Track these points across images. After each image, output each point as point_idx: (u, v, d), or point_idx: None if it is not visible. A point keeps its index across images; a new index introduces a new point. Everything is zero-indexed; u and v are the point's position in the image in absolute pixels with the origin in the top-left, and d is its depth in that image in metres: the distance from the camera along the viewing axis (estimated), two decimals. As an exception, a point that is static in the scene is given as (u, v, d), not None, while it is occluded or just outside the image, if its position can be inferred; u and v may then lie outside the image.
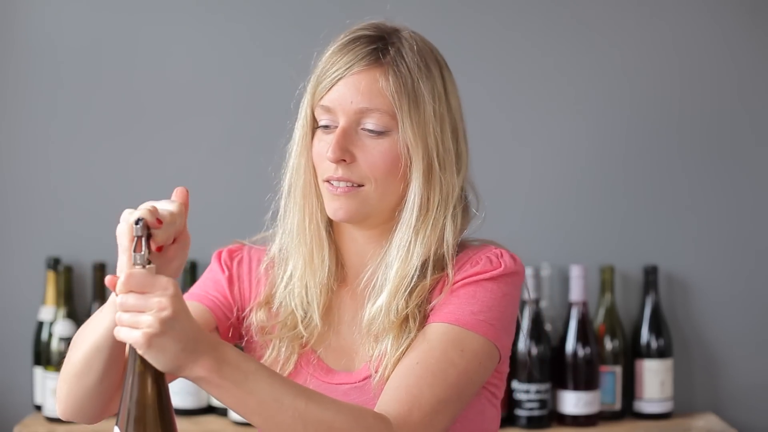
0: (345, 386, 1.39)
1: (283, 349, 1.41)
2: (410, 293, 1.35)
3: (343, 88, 1.35)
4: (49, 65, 2.49)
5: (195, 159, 2.50)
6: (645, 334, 2.46)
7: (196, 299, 1.45)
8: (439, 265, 1.37)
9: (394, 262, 1.36)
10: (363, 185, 1.35)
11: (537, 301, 2.41)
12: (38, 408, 2.43)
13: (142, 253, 1.13)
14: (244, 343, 1.47)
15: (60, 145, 2.49)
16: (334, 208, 1.37)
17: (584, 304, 2.42)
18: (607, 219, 2.53)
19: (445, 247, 1.37)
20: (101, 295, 2.44)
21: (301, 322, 1.40)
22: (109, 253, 2.48)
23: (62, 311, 2.39)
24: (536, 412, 2.36)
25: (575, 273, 2.42)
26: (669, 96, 2.53)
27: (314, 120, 1.39)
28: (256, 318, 1.43)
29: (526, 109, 2.52)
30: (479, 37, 2.50)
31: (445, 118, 1.38)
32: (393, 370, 1.32)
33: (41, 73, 2.49)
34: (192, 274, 2.43)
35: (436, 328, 1.33)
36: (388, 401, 1.28)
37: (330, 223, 1.43)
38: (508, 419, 2.37)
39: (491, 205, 2.51)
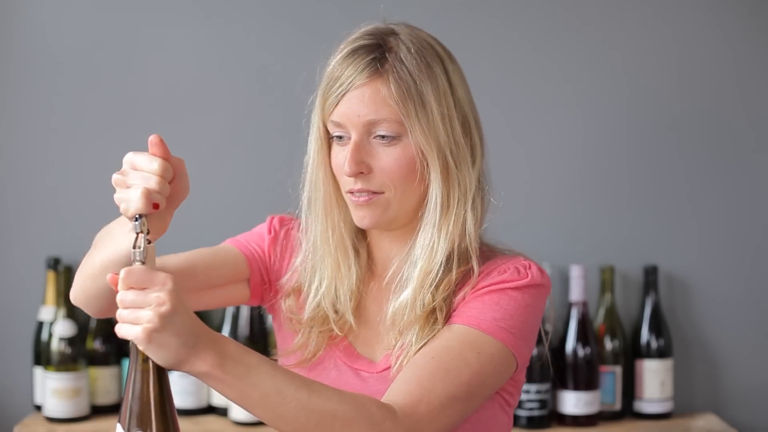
0: (365, 373, 1.42)
1: (314, 337, 1.44)
2: (436, 287, 1.38)
3: (348, 102, 1.37)
4: (48, 65, 2.49)
5: (195, 159, 2.50)
6: (645, 334, 2.46)
7: (236, 245, 1.50)
8: (464, 257, 1.40)
9: (419, 259, 1.39)
10: (383, 192, 1.38)
11: (537, 301, 2.41)
12: (38, 408, 2.43)
13: (141, 249, 1.13)
14: (272, 319, 1.52)
15: (60, 145, 2.50)
16: (360, 216, 1.40)
17: (584, 304, 2.42)
18: (607, 219, 2.53)
19: (468, 239, 1.40)
20: (101, 295, 2.44)
21: (334, 322, 1.43)
22: (109, 253, 2.49)
23: (62, 311, 2.39)
24: (536, 412, 2.36)
25: (575, 273, 2.42)
26: (669, 96, 2.53)
27: (327, 133, 1.41)
28: (285, 305, 1.47)
29: (526, 109, 2.52)
30: (481, 38, 2.50)
31: (454, 114, 1.40)
32: None
33: (41, 73, 2.49)
34: (192, 274, 2.43)
35: (455, 329, 1.35)
36: (397, 391, 1.29)
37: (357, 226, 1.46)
38: (508, 419, 2.37)
39: (491, 205, 2.50)
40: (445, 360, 1.31)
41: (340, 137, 1.39)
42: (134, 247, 1.14)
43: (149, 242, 1.15)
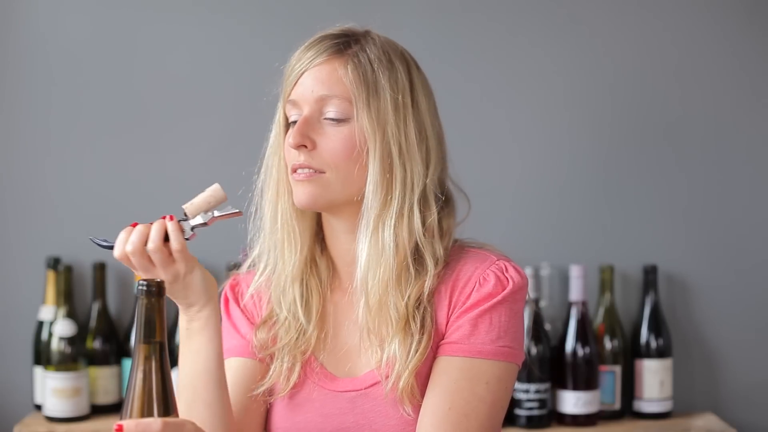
0: (351, 393, 1.40)
1: (285, 360, 1.42)
2: (399, 287, 1.36)
3: (306, 79, 1.40)
4: (48, 65, 2.49)
5: (195, 159, 2.51)
6: (644, 334, 2.46)
7: (238, 354, 1.47)
8: (416, 257, 1.38)
9: (364, 250, 1.37)
10: (324, 172, 1.37)
11: (537, 301, 2.41)
12: (38, 408, 2.43)
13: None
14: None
15: (60, 145, 2.50)
16: (298, 194, 1.39)
17: (584, 304, 2.42)
18: (607, 219, 2.53)
19: (417, 237, 1.38)
20: (101, 294, 2.45)
21: (296, 329, 1.43)
22: (109, 253, 2.48)
23: (62, 311, 2.39)
24: (536, 412, 2.36)
25: (575, 273, 2.42)
26: (669, 96, 2.53)
27: (286, 118, 1.43)
28: (256, 338, 1.45)
29: (524, 108, 2.52)
30: (481, 38, 2.50)
31: (409, 112, 1.39)
32: (407, 381, 1.33)
33: (40, 73, 2.49)
34: (192, 273, 2.43)
35: (458, 364, 1.35)
36: None
37: (318, 227, 1.45)
38: (508, 419, 2.37)
39: (491, 205, 2.52)
40: (460, 405, 1.32)
41: (295, 122, 1.40)
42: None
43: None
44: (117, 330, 2.46)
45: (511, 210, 2.51)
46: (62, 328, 2.36)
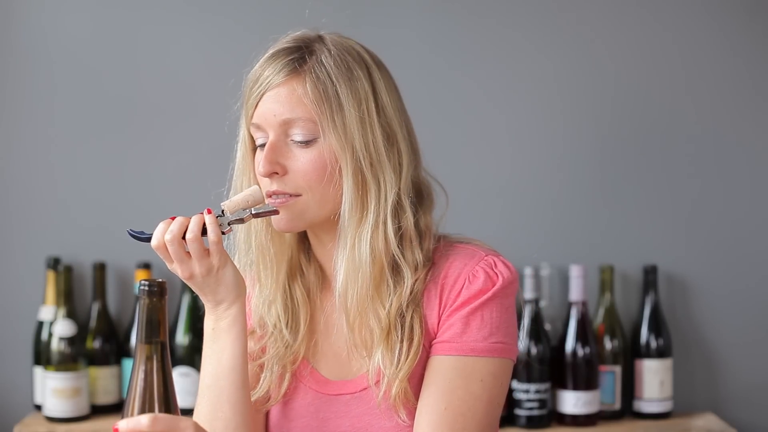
0: (345, 396, 1.40)
1: (275, 369, 1.42)
2: (379, 298, 1.35)
3: (266, 102, 1.37)
4: (48, 65, 2.49)
5: (195, 159, 2.51)
6: (644, 334, 2.46)
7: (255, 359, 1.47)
8: (393, 265, 1.37)
9: (341, 266, 1.36)
10: (300, 195, 1.36)
11: (537, 301, 2.41)
12: (38, 407, 2.43)
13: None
14: None
15: (60, 145, 2.50)
16: (276, 220, 1.37)
17: (584, 304, 2.42)
18: (607, 219, 2.53)
19: (393, 249, 1.36)
20: (101, 294, 2.44)
21: (283, 343, 1.42)
22: (108, 252, 2.49)
23: (62, 311, 2.39)
24: (536, 412, 2.36)
25: (575, 273, 2.42)
26: (669, 96, 2.53)
27: (251, 138, 1.41)
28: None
29: (524, 108, 2.52)
30: (482, 40, 2.50)
31: (375, 119, 1.36)
32: (399, 388, 1.33)
33: (40, 73, 2.49)
34: (192, 274, 2.43)
35: (450, 363, 1.34)
36: None
37: (302, 236, 1.45)
38: (508, 419, 2.37)
39: (491, 205, 2.52)
40: (456, 405, 1.32)
41: (262, 145, 1.38)
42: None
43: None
44: (117, 330, 2.46)
45: (511, 210, 2.51)
46: (62, 328, 2.36)
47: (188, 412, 2.45)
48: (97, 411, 2.40)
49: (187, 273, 1.33)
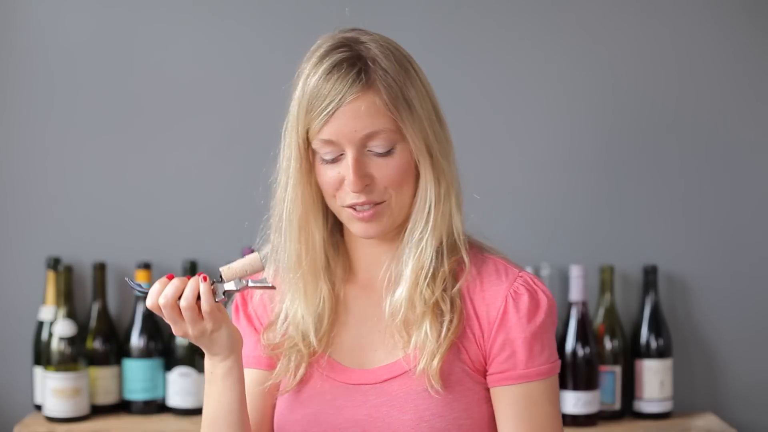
0: (364, 386, 1.41)
1: (292, 358, 1.43)
2: (432, 281, 1.39)
3: (342, 119, 1.35)
4: (47, 65, 2.49)
5: (195, 159, 2.51)
6: (644, 334, 2.46)
7: (254, 365, 1.48)
8: (453, 249, 1.41)
9: (411, 255, 1.39)
10: (384, 201, 1.38)
11: (537, 301, 2.41)
12: (38, 408, 2.43)
13: None
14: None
15: (60, 145, 2.50)
16: (364, 228, 1.39)
17: (584, 304, 2.42)
18: (607, 219, 2.53)
19: (455, 232, 1.41)
20: (101, 294, 2.45)
21: (302, 342, 1.43)
22: (109, 253, 2.49)
23: (62, 311, 2.39)
24: (536, 412, 2.36)
25: (575, 273, 2.42)
26: (669, 96, 2.53)
27: (307, 150, 1.39)
28: (264, 339, 1.46)
29: (524, 109, 2.52)
30: (480, 39, 2.50)
31: (432, 111, 1.40)
32: (439, 362, 1.35)
33: (40, 73, 2.49)
34: (192, 274, 2.43)
35: (523, 391, 1.38)
36: None
37: (338, 233, 1.46)
38: (508, 419, 2.37)
39: (491, 205, 2.52)
40: (537, 430, 1.38)
41: (331, 160, 1.37)
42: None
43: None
44: (117, 330, 2.46)
45: (512, 210, 2.51)
46: (62, 328, 2.36)
47: (188, 412, 2.46)
48: (97, 411, 2.40)
49: (180, 333, 1.36)
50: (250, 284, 1.35)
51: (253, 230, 2.30)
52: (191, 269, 2.44)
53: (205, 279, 1.34)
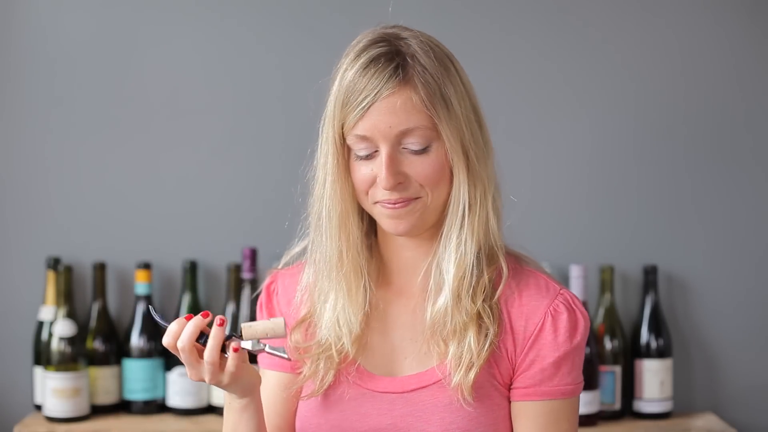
0: (391, 395, 1.39)
1: (321, 364, 1.40)
2: (474, 290, 1.37)
3: (377, 114, 1.32)
4: (48, 65, 2.49)
5: (195, 159, 2.51)
6: (644, 334, 2.46)
7: (278, 368, 1.46)
8: (491, 256, 1.39)
9: (450, 261, 1.37)
10: (419, 197, 1.35)
11: (537, 301, 2.41)
12: (38, 408, 2.43)
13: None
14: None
15: (60, 145, 2.50)
16: (395, 224, 1.36)
17: (584, 304, 2.42)
18: (607, 219, 2.53)
19: (492, 238, 1.39)
20: (101, 294, 2.44)
21: (335, 346, 1.40)
22: (109, 253, 2.49)
23: (62, 311, 2.39)
24: (536, 412, 2.36)
25: (575, 273, 2.42)
26: (669, 97, 2.53)
27: (344, 146, 1.36)
28: (291, 341, 1.43)
29: (525, 110, 2.52)
30: (484, 41, 2.50)
31: (471, 112, 1.38)
32: (476, 374, 1.34)
33: (40, 73, 2.49)
34: (192, 274, 2.43)
35: (544, 408, 1.37)
36: None
37: (372, 236, 1.44)
38: (508, 419, 2.37)
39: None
40: None
41: (365, 156, 1.35)
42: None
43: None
44: (117, 330, 2.46)
45: (511, 210, 2.50)
46: (62, 328, 2.36)
47: (188, 412, 2.45)
48: (97, 411, 2.40)
49: (195, 377, 1.34)
50: (267, 349, 1.33)
51: (254, 231, 2.32)
52: (191, 269, 2.43)
53: (222, 323, 1.31)
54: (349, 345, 1.39)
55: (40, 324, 2.44)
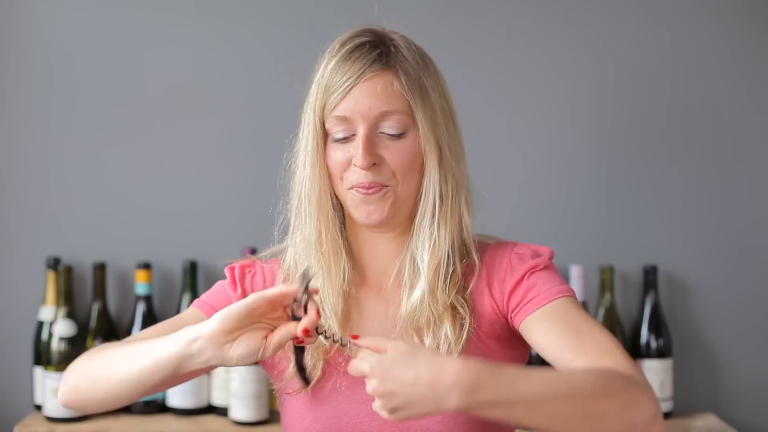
0: None
1: (310, 356, 1.41)
2: (447, 282, 1.40)
3: (358, 95, 1.37)
4: (48, 65, 2.49)
5: (195, 159, 2.51)
6: (645, 334, 2.46)
7: (201, 309, 1.46)
8: (463, 251, 1.43)
9: (425, 250, 1.40)
10: (389, 185, 1.39)
11: (537, 301, 2.41)
12: (38, 408, 2.43)
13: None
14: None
15: (60, 145, 2.50)
16: (367, 212, 1.39)
17: (584, 304, 2.42)
18: (607, 219, 2.53)
19: (465, 232, 1.43)
20: (101, 295, 2.44)
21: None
22: (109, 253, 2.49)
23: (62, 311, 2.39)
24: (536, 412, 2.36)
25: (575, 273, 2.42)
26: (669, 97, 2.53)
27: (323, 130, 1.40)
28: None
29: (523, 110, 2.52)
30: (478, 39, 2.50)
31: (446, 109, 1.42)
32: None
33: (40, 74, 2.49)
34: (192, 274, 2.43)
35: (548, 310, 1.36)
36: (599, 361, 1.27)
37: (344, 230, 1.46)
38: (508, 419, 2.37)
39: (490, 205, 2.51)
40: (579, 328, 1.32)
41: (343, 138, 1.39)
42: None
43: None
44: (117, 330, 2.46)
45: (511, 210, 2.51)
46: (62, 329, 2.36)
47: (188, 412, 2.46)
48: (97, 411, 2.40)
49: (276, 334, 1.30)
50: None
51: (254, 231, 2.31)
52: (191, 269, 2.44)
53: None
54: (336, 327, 1.41)
55: (40, 324, 2.44)
